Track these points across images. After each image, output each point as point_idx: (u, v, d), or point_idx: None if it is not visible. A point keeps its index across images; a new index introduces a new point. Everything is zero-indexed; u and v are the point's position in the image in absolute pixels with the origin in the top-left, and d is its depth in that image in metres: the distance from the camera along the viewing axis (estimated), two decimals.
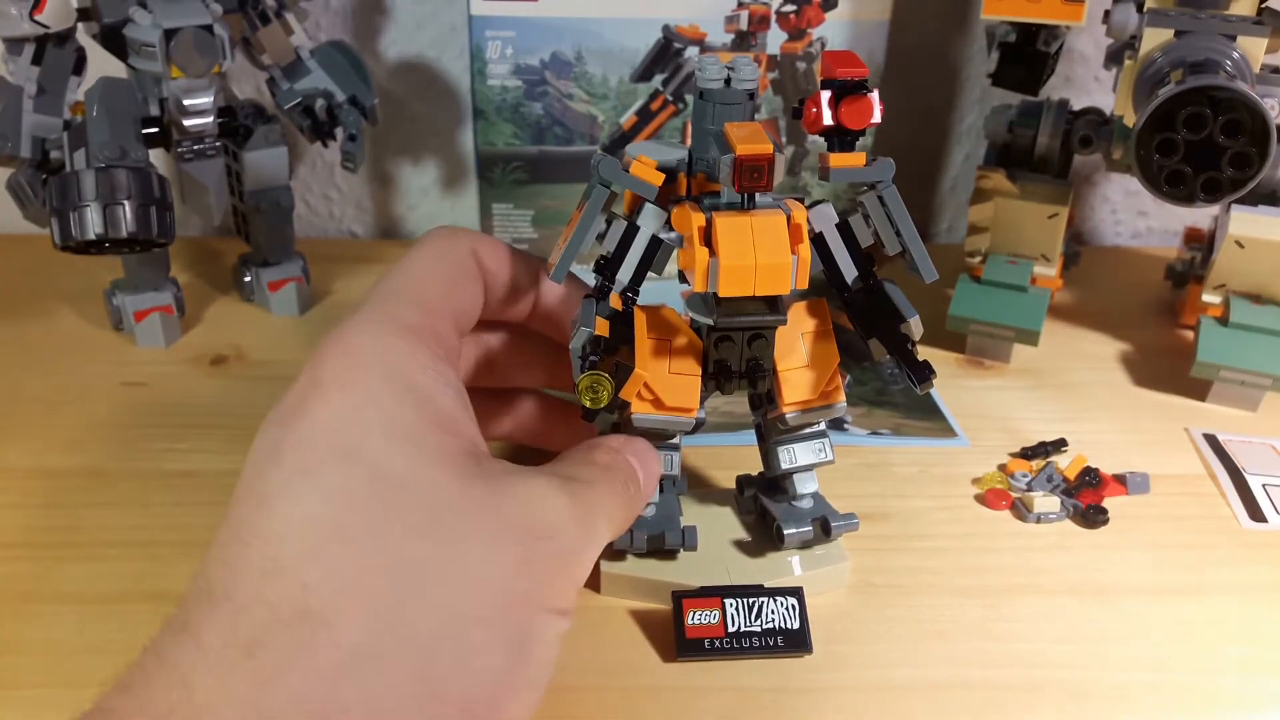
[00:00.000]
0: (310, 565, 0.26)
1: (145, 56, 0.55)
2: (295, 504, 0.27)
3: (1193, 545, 0.45)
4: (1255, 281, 0.57)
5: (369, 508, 0.27)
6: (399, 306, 0.33)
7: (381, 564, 0.27)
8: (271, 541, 0.27)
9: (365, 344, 0.31)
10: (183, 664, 0.25)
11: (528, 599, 0.28)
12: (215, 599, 0.26)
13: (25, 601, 0.40)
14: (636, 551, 0.40)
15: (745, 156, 0.33)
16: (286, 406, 0.30)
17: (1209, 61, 0.49)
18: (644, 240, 0.36)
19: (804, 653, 0.38)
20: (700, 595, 0.39)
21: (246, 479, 0.28)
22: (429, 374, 0.31)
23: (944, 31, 0.75)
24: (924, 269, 0.37)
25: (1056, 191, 0.59)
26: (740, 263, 0.33)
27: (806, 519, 0.41)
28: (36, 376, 0.56)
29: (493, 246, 0.37)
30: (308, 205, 0.78)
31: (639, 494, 0.36)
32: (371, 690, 0.25)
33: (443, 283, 0.35)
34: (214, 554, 0.27)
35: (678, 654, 0.38)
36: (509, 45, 0.64)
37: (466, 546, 0.28)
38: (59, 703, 0.25)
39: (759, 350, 0.37)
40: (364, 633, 0.26)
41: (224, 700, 0.24)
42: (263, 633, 0.25)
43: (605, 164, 0.35)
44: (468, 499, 0.28)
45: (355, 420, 0.29)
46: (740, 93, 0.35)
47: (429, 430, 0.29)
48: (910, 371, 0.38)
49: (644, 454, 0.37)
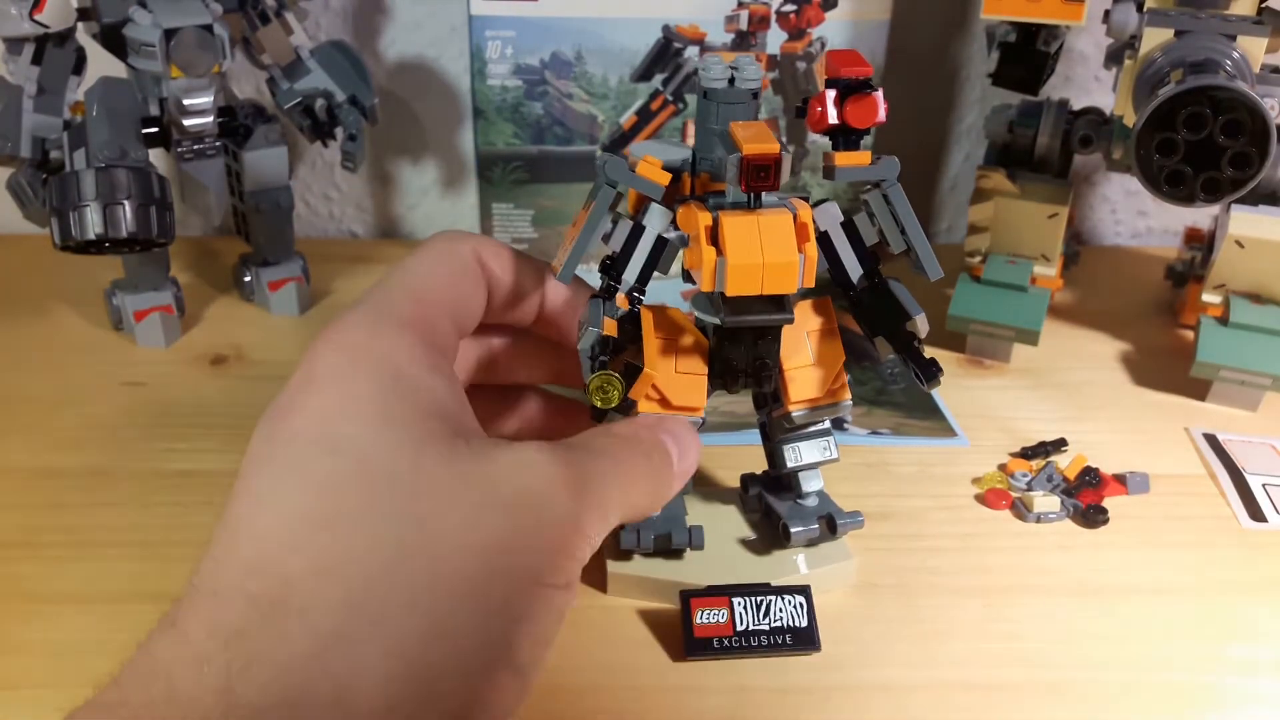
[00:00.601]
0: (292, 557, 0.26)
1: (145, 56, 0.55)
2: (283, 498, 0.27)
3: (1193, 545, 0.45)
4: (1255, 281, 0.57)
5: (353, 497, 0.27)
6: (394, 302, 0.33)
7: (358, 549, 0.27)
8: (257, 536, 0.27)
9: (357, 338, 0.31)
10: (167, 657, 0.25)
11: (510, 572, 0.28)
12: (202, 594, 0.26)
13: (25, 601, 0.40)
14: (643, 551, 0.40)
15: (752, 156, 0.33)
16: (281, 403, 0.30)
17: (1209, 61, 0.49)
18: (650, 240, 0.36)
19: (813, 650, 0.38)
20: (708, 594, 0.39)
21: (242, 475, 0.29)
22: (418, 364, 0.31)
23: (944, 31, 0.75)
24: (929, 266, 0.37)
25: (1056, 191, 0.59)
26: (747, 262, 0.33)
27: (812, 517, 0.41)
28: (36, 376, 0.56)
29: (497, 249, 0.37)
30: (308, 205, 0.78)
31: (669, 470, 0.34)
32: (342, 673, 0.25)
33: (442, 283, 0.35)
34: (208, 551, 0.28)
35: (686, 653, 0.38)
36: (509, 45, 0.64)
37: (448, 519, 0.27)
38: (59, 703, 0.25)
39: (765, 349, 0.37)
40: (337, 617, 0.26)
41: (201, 691, 0.24)
42: (241, 623, 0.25)
43: (612, 164, 0.35)
44: (452, 476, 0.28)
45: (343, 412, 0.29)
46: (744, 92, 0.35)
47: (416, 417, 0.29)
48: (918, 369, 0.38)
49: (680, 432, 0.35)
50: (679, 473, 0.35)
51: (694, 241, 0.35)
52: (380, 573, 0.26)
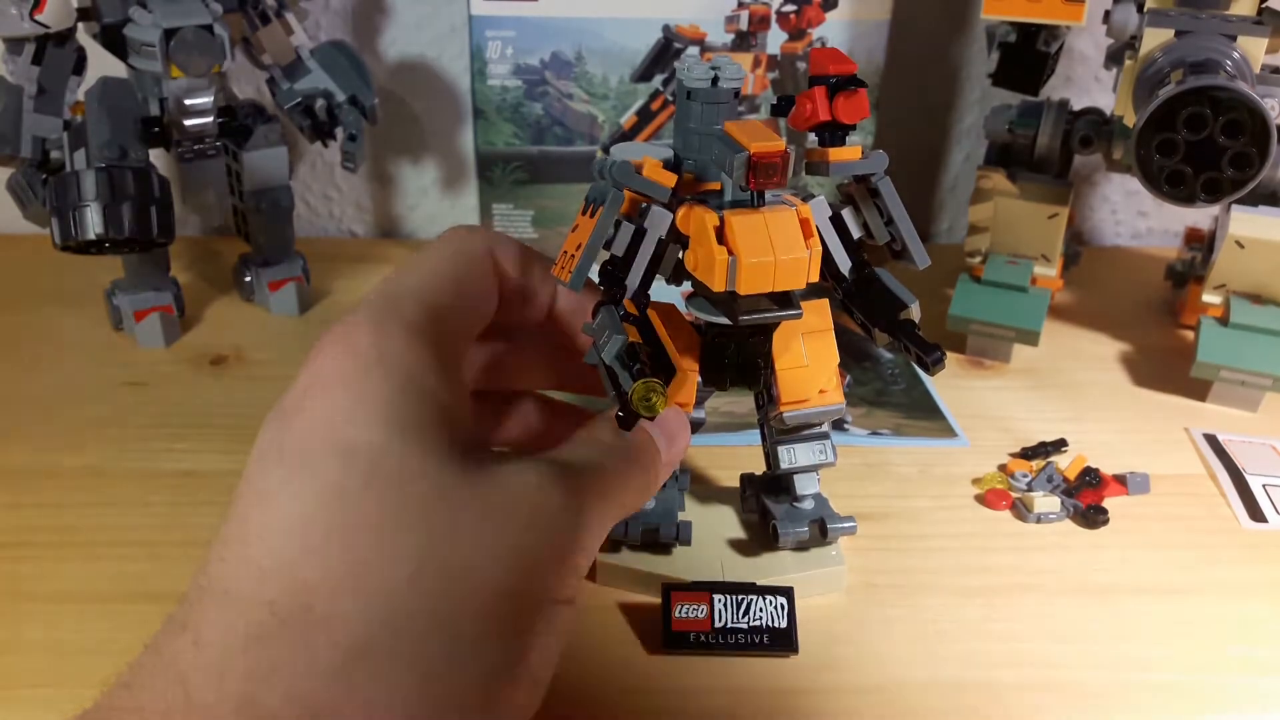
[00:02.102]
0: (308, 563, 0.26)
1: (145, 56, 0.55)
2: (295, 501, 0.27)
3: (1193, 545, 0.45)
4: (1255, 281, 0.57)
5: (367, 504, 0.27)
6: (402, 303, 0.32)
7: (378, 560, 0.26)
8: (270, 539, 0.27)
9: (366, 340, 0.31)
10: (181, 662, 0.25)
11: (524, 591, 0.28)
12: (214, 596, 0.26)
13: (25, 601, 0.40)
14: (631, 543, 0.40)
15: (760, 154, 0.33)
16: (288, 403, 0.29)
17: (1209, 61, 0.49)
18: (653, 242, 0.36)
19: (790, 653, 0.38)
20: (690, 589, 0.39)
21: (248, 475, 0.28)
22: (429, 371, 0.31)
23: (944, 31, 0.75)
24: (917, 255, 0.37)
25: (1056, 191, 0.59)
26: (760, 260, 0.34)
27: (805, 520, 0.41)
28: (36, 376, 0.56)
29: (509, 246, 0.37)
30: (308, 205, 0.78)
31: (656, 466, 0.35)
32: (368, 688, 0.25)
33: (453, 281, 0.34)
34: (215, 551, 0.27)
35: (663, 645, 0.38)
36: (509, 45, 0.64)
37: (462, 541, 0.28)
38: (59, 703, 0.25)
39: (756, 348, 0.37)
40: (360, 630, 0.26)
41: (221, 699, 0.24)
42: (260, 631, 0.25)
43: (619, 168, 0.34)
44: (464, 494, 0.28)
45: (354, 416, 0.29)
46: (727, 91, 0.35)
47: (428, 426, 0.29)
48: (920, 352, 0.37)
49: (668, 421, 0.35)
50: (666, 462, 0.35)
51: (701, 242, 0.34)
52: (400, 586, 0.26)
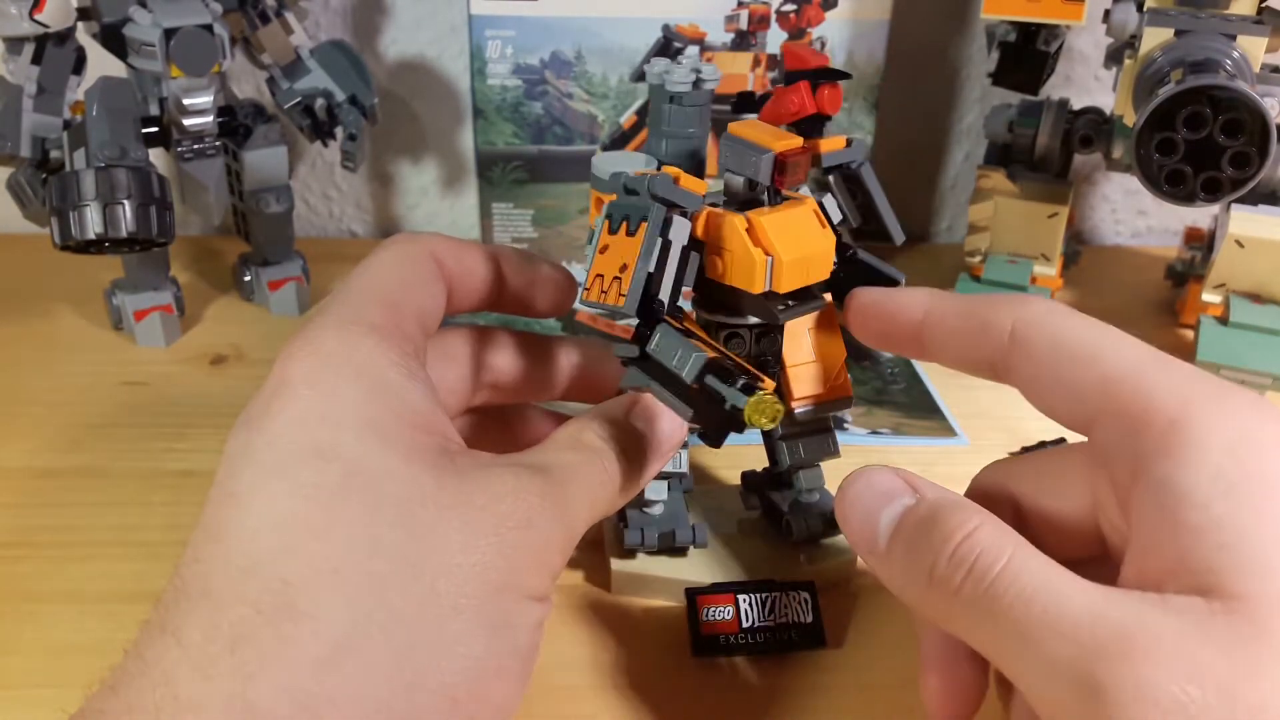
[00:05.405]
0: (288, 560, 0.26)
1: (145, 56, 0.55)
2: (270, 502, 0.27)
3: None
4: (1255, 281, 0.57)
5: (344, 503, 0.27)
6: (363, 306, 0.32)
7: (359, 557, 0.27)
8: (246, 539, 0.27)
9: (332, 343, 0.31)
10: (165, 663, 0.25)
11: (505, 587, 0.28)
12: (193, 598, 0.26)
13: (25, 601, 0.40)
14: (648, 550, 0.40)
15: (786, 153, 0.33)
16: (255, 407, 0.30)
17: (1209, 61, 0.49)
18: (678, 252, 0.35)
19: (819, 647, 0.38)
20: (713, 591, 0.38)
21: (219, 480, 0.28)
22: (398, 370, 0.31)
23: (944, 31, 0.75)
24: (894, 231, 0.38)
25: (1056, 191, 0.59)
26: (795, 256, 0.34)
27: (814, 513, 0.41)
28: (36, 376, 0.56)
29: (449, 245, 0.37)
30: (308, 205, 0.78)
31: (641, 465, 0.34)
32: (356, 681, 0.25)
33: (403, 283, 0.34)
34: (189, 554, 0.27)
35: (694, 652, 0.37)
36: (509, 44, 0.64)
37: (443, 537, 0.28)
38: (59, 703, 0.25)
39: (766, 346, 0.37)
40: (346, 624, 0.26)
41: (210, 696, 0.24)
42: (245, 628, 0.25)
43: (661, 182, 0.33)
44: (442, 492, 0.28)
45: (326, 418, 0.29)
46: (707, 93, 0.35)
47: (401, 426, 0.29)
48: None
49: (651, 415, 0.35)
50: (663, 454, 0.35)
51: (728, 247, 0.34)
52: (381, 583, 0.26)
